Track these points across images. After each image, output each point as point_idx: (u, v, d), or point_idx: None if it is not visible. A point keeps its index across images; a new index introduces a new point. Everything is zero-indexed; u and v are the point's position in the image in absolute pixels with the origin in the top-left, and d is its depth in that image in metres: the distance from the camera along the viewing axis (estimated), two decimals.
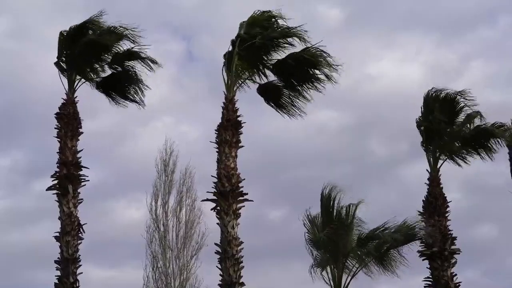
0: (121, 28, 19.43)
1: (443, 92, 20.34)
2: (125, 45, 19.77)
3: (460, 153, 20.46)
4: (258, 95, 19.95)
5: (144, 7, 43.77)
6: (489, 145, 20.29)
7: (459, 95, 20.25)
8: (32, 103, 41.29)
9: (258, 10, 19.08)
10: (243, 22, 19.20)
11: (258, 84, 19.82)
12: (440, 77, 43.51)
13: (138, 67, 19.99)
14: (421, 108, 20.48)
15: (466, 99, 20.25)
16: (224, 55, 19.13)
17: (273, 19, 19.10)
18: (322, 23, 40.98)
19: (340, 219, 19.69)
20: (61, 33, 19.54)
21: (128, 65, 20.12)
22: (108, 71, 20.33)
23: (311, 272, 19.25)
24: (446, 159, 20.24)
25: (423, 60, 45.85)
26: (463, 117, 20.42)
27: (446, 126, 20.16)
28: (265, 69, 19.52)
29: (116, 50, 19.86)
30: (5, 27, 42.91)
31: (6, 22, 43.68)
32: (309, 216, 19.89)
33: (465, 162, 20.62)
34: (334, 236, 19.25)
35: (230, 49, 19.10)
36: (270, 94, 19.92)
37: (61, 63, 19.71)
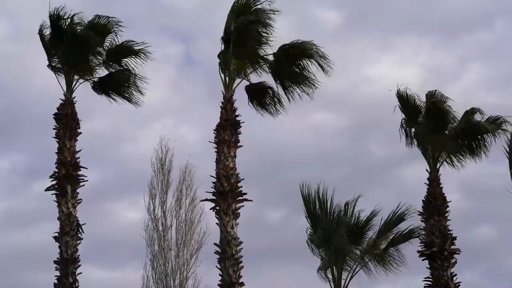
0: (104, 20, 19.14)
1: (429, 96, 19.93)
2: (113, 40, 19.59)
3: (455, 152, 20.26)
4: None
5: (142, 11, 43.75)
6: (481, 141, 20.10)
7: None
8: (31, 105, 41.20)
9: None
10: (229, 13, 18.81)
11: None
12: (438, 79, 43.45)
13: (133, 63, 19.84)
14: (399, 107, 20.30)
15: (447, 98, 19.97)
16: (219, 55, 19.04)
17: (260, 13, 18.69)
18: (320, 25, 40.99)
19: (332, 219, 19.58)
20: (40, 35, 19.25)
21: (123, 62, 19.92)
22: (103, 71, 20.16)
23: (320, 275, 19.27)
24: (445, 158, 20.15)
25: (420, 62, 45.80)
26: (453, 117, 20.19)
27: (436, 127, 19.97)
28: (261, 65, 19.40)
29: (106, 46, 19.63)
30: (4, 29, 42.92)
31: (5, 24, 43.72)
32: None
33: (462, 160, 20.45)
34: (328, 237, 19.18)
35: (223, 48, 18.93)
36: (256, 94, 19.77)
37: (53, 64, 19.56)
